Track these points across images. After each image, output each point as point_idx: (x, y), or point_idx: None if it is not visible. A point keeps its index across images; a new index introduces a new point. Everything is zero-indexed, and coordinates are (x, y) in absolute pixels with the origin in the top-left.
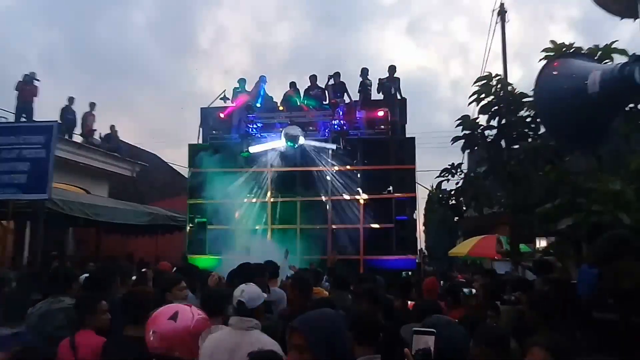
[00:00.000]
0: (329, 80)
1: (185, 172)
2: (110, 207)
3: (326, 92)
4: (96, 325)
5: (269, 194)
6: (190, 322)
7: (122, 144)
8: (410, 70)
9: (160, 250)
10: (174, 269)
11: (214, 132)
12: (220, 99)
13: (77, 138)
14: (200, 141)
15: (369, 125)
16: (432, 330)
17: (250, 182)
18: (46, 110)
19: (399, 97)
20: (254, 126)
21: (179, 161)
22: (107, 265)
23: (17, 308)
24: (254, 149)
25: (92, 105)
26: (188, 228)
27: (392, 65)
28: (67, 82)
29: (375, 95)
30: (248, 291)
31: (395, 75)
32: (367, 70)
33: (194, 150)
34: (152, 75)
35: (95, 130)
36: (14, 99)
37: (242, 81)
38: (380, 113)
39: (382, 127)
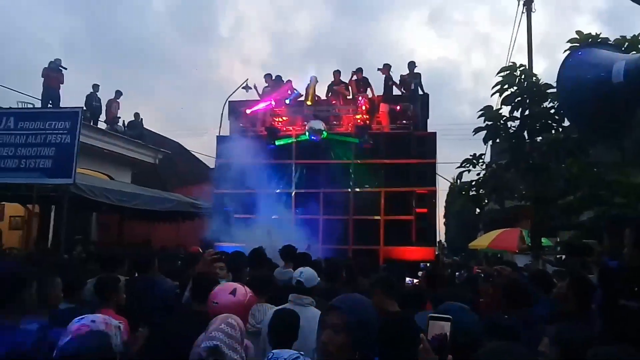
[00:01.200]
0: (352, 76)
1: (206, 160)
2: (133, 193)
3: (349, 87)
4: (116, 303)
5: (293, 185)
6: (244, 298)
7: (145, 132)
8: (432, 61)
9: (182, 237)
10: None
11: (241, 124)
12: (243, 88)
13: (102, 125)
14: (228, 132)
15: (392, 120)
16: (448, 316)
17: (275, 173)
18: (71, 97)
19: (420, 92)
20: (280, 120)
21: (200, 149)
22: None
23: (73, 286)
24: (279, 141)
25: (118, 93)
26: (214, 216)
27: (411, 62)
28: (89, 69)
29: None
30: (306, 273)
31: (415, 71)
32: (390, 66)
33: (221, 141)
34: (172, 63)
35: (119, 117)
36: (41, 86)
37: (268, 76)
38: (398, 107)
39: (405, 121)
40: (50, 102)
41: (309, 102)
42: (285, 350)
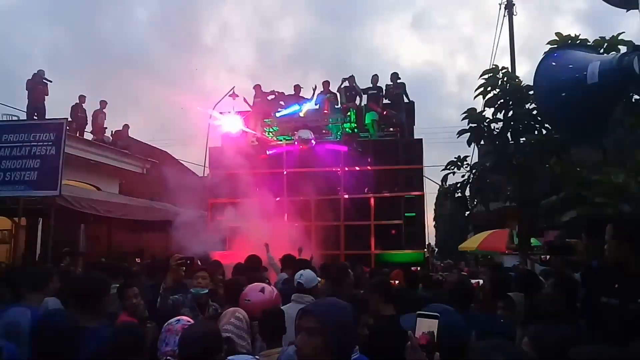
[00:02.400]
0: (342, 83)
1: (195, 168)
2: (120, 204)
3: (338, 95)
4: (127, 309)
5: (285, 193)
6: (272, 295)
7: (132, 141)
8: (417, 65)
9: (172, 246)
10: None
11: (232, 135)
12: (229, 96)
13: (88, 136)
14: (217, 141)
15: (379, 128)
16: (436, 314)
17: (267, 182)
18: (56, 108)
19: (406, 100)
20: (271, 130)
21: (186, 157)
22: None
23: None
24: (270, 151)
25: (103, 103)
26: (210, 226)
27: (394, 73)
28: (73, 80)
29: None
30: (305, 275)
31: (399, 81)
32: (378, 77)
33: (213, 152)
34: (157, 72)
35: (106, 128)
36: (25, 98)
37: (257, 87)
38: (385, 114)
39: (392, 129)
40: (36, 114)
41: (302, 114)
42: (241, 356)
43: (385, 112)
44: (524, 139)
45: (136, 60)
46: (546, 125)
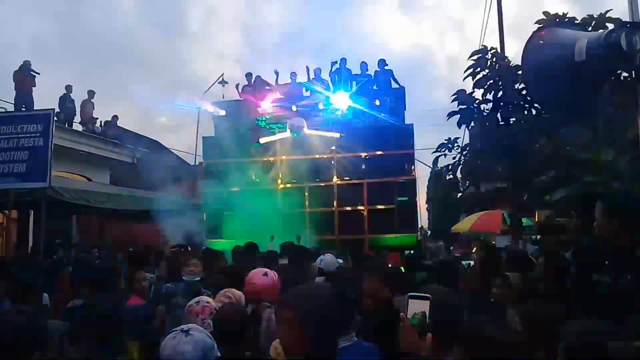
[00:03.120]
0: (332, 67)
1: (186, 157)
2: (112, 194)
3: (330, 81)
4: (137, 290)
5: (278, 181)
6: (275, 279)
7: (122, 131)
8: (406, 48)
9: (164, 236)
10: None
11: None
12: (219, 82)
13: (77, 126)
14: (210, 130)
15: (370, 113)
16: (427, 295)
17: (261, 170)
18: (43, 99)
19: (396, 86)
20: (263, 118)
21: (177, 146)
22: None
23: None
24: (263, 139)
25: (91, 93)
26: (205, 215)
27: (381, 59)
28: (59, 69)
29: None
30: (325, 260)
31: (386, 68)
32: (367, 64)
33: (206, 141)
34: (144, 59)
35: (96, 118)
36: (10, 90)
37: (249, 76)
38: (377, 102)
39: (382, 114)
40: (24, 106)
41: (294, 108)
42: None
43: (377, 102)
44: (513, 119)
45: (124, 49)
46: (536, 105)
